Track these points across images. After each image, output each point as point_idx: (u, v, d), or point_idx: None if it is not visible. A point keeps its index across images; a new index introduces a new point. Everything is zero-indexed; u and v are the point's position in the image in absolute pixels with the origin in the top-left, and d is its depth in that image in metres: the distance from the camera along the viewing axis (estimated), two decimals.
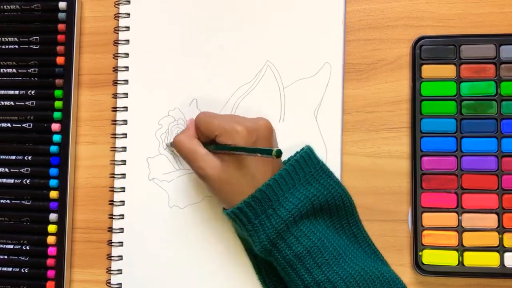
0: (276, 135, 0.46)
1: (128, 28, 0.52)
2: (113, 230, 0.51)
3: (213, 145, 0.45)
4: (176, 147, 0.47)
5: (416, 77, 0.49)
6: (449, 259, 0.47)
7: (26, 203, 0.52)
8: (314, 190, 0.44)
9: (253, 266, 0.49)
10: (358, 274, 0.42)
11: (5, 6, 0.53)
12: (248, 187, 0.43)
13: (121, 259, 0.51)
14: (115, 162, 0.52)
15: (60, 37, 0.53)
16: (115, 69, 0.52)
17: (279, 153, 0.38)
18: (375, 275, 0.42)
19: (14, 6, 0.53)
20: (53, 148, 0.52)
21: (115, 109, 0.52)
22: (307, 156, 0.46)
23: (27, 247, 0.52)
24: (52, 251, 0.51)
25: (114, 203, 0.51)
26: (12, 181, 0.52)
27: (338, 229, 0.46)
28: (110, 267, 0.51)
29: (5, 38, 0.53)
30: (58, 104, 0.52)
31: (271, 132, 0.44)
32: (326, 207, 0.45)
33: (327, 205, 0.45)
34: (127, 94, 0.52)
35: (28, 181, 0.52)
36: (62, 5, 0.53)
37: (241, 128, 0.43)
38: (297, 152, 0.47)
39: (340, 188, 0.46)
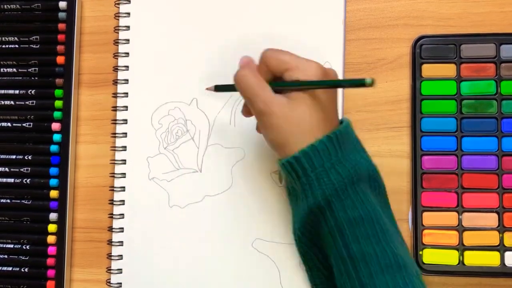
0: None
1: (128, 27, 0.53)
2: (113, 230, 0.51)
3: (276, 83, 0.41)
4: (239, 82, 0.42)
5: (416, 76, 0.49)
6: (450, 258, 0.47)
7: (26, 202, 0.52)
8: (361, 158, 0.41)
9: (294, 234, 0.45)
10: (400, 256, 0.39)
11: (5, 6, 0.53)
12: (314, 131, 0.39)
13: (121, 259, 0.51)
14: (115, 162, 0.52)
15: (60, 37, 0.53)
16: (115, 69, 0.52)
17: (372, 83, 0.34)
18: (410, 261, 0.40)
19: (14, 6, 0.53)
20: (53, 148, 0.52)
21: (115, 109, 0.52)
22: (350, 127, 0.42)
23: (27, 247, 0.52)
24: (52, 250, 0.51)
25: (114, 203, 0.51)
26: (12, 180, 0.52)
27: (380, 203, 0.42)
28: (110, 267, 0.51)
29: (5, 38, 0.53)
30: (58, 103, 0.52)
31: (337, 77, 0.42)
32: (367, 179, 0.42)
33: (368, 177, 0.42)
34: (127, 93, 0.52)
35: (28, 180, 0.52)
36: (62, 4, 0.53)
37: (315, 64, 0.40)
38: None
39: (374, 167, 0.43)
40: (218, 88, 0.46)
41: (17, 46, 0.53)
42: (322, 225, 0.41)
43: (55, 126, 0.52)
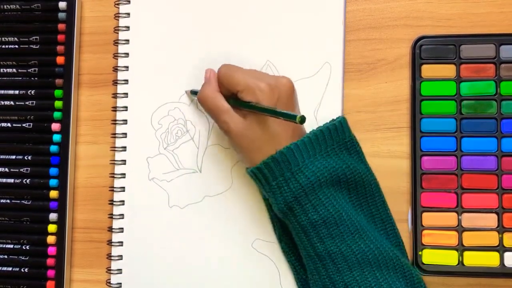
0: (297, 95, 0.46)
1: (128, 28, 0.53)
2: (113, 230, 0.51)
3: (233, 99, 0.45)
4: (200, 102, 0.47)
5: (416, 77, 0.49)
6: (449, 258, 0.47)
7: (26, 202, 0.52)
8: (333, 163, 0.44)
9: (272, 223, 0.49)
10: (371, 252, 0.42)
11: (5, 6, 0.53)
12: (269, 146, 0.43)
13: (121, 259, 0.51)
14: (115, 162, 0.52)
15: (60, 37, 0.53)
16: (115, 69, 0.52)
17: (303, 119, 0.38)
18: (389, 256, 0.42)
19: (14, 6, 0.53)
20: (53, 148, 0.52)
21: (115, 109, 0.52)
22: (333, 129, 0.45)
23: (27, 247, 0.52)
24: (52, 250, 0.51)
25: (114, 203, 0.51)
26: (12, 180, 0.52)
27: (356, 206, 0.45)
28: (110, 267, 0.51)
29: (5, 38, 0.53)
30: (58, 103, 0.52)
31: (292, 91, 0.44)
32: (345, 182, 0.44)
33: (345, 179, 0.44)
34: (127, 94, 0.52)
35: (28, 180, 0.52)
36: (62, 5, 0.53)
37: (263, 85, 0.42)
38: (331, 120, 0.47)
39: (361, 167, 0.46)
40: (193, 93, 0.50)
41: (17, 46, 0.53)
42: (290, 228, 0.44)
43: (55, 126, 0.52)
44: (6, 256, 0.52)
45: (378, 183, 0.47)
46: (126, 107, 0.52)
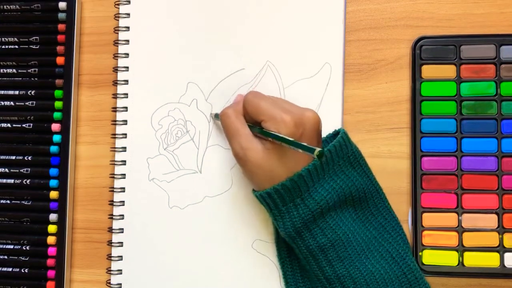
0: (321, 128, 0.45)
1: (128, 28, 0.52)
2: (113, 231, 0.51)
3: (257, 127, 0.44)
4: (222, 120, 0.46)
5: (416, 77, 0.49)
6: (449, 259, 0.47)
7: (26, 203, 0.52)
8: (340, 182, 0.44)
9: (276, 245, 0.49)
10: (378, 273, 0.42)
11: (5, 6, 0.53)
12: (283, 176, 0.42)
13: (121, 260, 0.51)
14: (115, 162, 0.52)
15: (60, 37, 0.53)
16: (115, 69, 0.52)
17: (321, 154, 0.38)
18: (395, 274, 0.42)
19: (14, 6, 0.53)
20: (53, 148, 0.52)
21: (115, 109, 0.52)
22: (338, 145, 0.45)
23: (27, 247, 0.52)
24: (52, 251, 0.51)
25: (114, 204, 0.51)
26: (12, 181, 0.52)
27: (364, 221, 0.45)
28: (110, 268, 0.51)
29: (5, 38, 0.53)
30: (58, 104, 0.52)
31: (318, 125, 0.43)
32: (350, 199, 0.45)
33: (351, 197, 0.45)
34: (127, 94, 0.52)
35: (28, 181, 0.52)
36: (62, 5, 0.53)
37: (288, 119, 0.41)
38: (330, 135, 0.47)
39: (364, 181, 0.46)
40: (217, 116, 0.49)
41: (17, 46, 0.53)
42: (297, 252, 0.44)
43: (55, 127, 0.52)
44: (6, 257, 0.52)
45: (382, 192, 0.47)
46: (126, 107, 0.52)
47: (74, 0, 0.52)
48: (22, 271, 0.51)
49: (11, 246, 0.52)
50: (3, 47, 0.53)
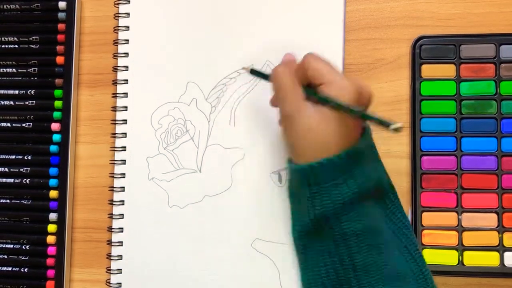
0: None
1: (127, 27, 0.53)
2: (113, 230, 0.51)
3: (311, 90, 0.41)
4: (275, 79, 0.43)
5: (416, 77, 0.49)
6: (449, 258, 0.47)
7: (26, 202, 0.52)
8: (371, 172, 0.42)
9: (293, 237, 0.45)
10: (400, 267, 0.41)
11: (5, 6, 0.53)
12: (332, 147, 0.39)
13: (121, 259, 0.51)
14: (115, 162, 0.52)
15: (60, 37, 0.53)
16: (115, 69, 0.52)
17: (398, 129, 0.35)
18: (412, 271, 0.41)
19: (14, 6, 0.53)
20: (53, 148, 0.52)
21: (114, 109, 0.52)
22: (368, 136, 0.43)
23: (27, 247, 0.52)
24: (51, 250, 0.51)
25: (114, 203, 0.51)
26: (12, 180, 0.52)
27: (384, 216, 0.44)
28: (110, 267, 0.51)
29: (5, 38, 0.53)
30: (58, 103, 0.52)
31: (372, 100, 0.42)
32: (373, 192, 0.42)
33: (374, 189, 0.42)
34: (126, 93, 0.52)
35: (28, 180, 0.52)
36: (62, 4, 0.53)
37: (350, 86, 0.39)
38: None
39: (384, 174, 0.44)
40: (253, 72, 0.46)
41: (16, 46, 0.53)
42: (325, 233, 0.41)
43: (55, 126, 0.52)
44: (6, 256, 0.52)
45: (395, 189, 0.45)
46: (126, 107, 0.52)
47: (74, 0, 0.52)
48: (22, 270, 0.51)
49: (11, 246, 0.52)
50: (3, 46, 0.53)
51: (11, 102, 0.53)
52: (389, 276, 0.40)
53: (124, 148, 0.52)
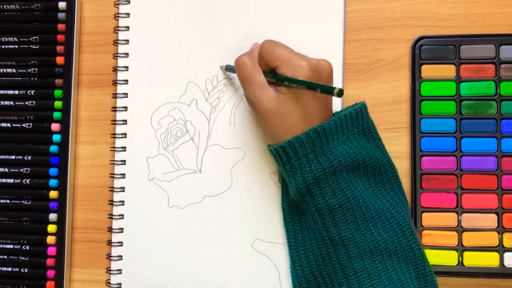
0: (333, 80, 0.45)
1: (128, 28, 0.53)
2: (113, 230, 0.51)
3: (270, 74, 0.44)
4: (237, 67, 0.46)
5: (416, 77, 0.49)
6: (449, 259, 0.47)
7: (26, 203, 0.52)
8: (354, 148, 0.44)
9: (282, 209, 0.49)
10: (383, 242, 0.42)
11: (5, 6, 0.53)
12: (298, 125, 0.42)
13: (121, 259, 0.51)
14: (115, 162, 0.52)
15: (60, 37, 0.53)
16: (115, 69, 0.52)
17: (341, 92, 0.37)
18: (401, 247, 0.42)
19: (14, 6, 0.53)
20: (53, 148, 0.52)
21: (114, 109, 0.52)
22: (355, 114, 0.45)
23: (27, 247, 0.52)
24: (51, 251, 0.51)
25: (114, 203, 0.51)
26: (12, 181, 0.52)
27: (377, 192, 0.45)
28: (110, 267, 0.51)
29: (5, 38, 0.53)
30: (58, 104, 0.52)
31: (331, 74, 0.44)
32: (364, 167, 0.44)
33: (365, 165, 0.44)
34: (126, 94, 0.52)
35: (28, 181, 0.52)
36: (62, 5, 0.53)
37: (304, 63, 0.42)
38: (349, 107, 0.46)
39: (379, 153, 0.46)
40: (228, 69, 0.50)
41: (16, 46, 0.53)
42: (305, 208, 0.44)
43: (55, 126, 0.52)
44: (6, 256, 0.52)
45: (396, 170, 0.47)
46: (126, 107, 0.52)
47: (74, 0, 0.52)
48: (22, 270, 0.51)
49: (11, 246, 0.52)
50: (3, 47, 0.53)
51: (11, 103, 0.53)
52: (370, 250, 0.42)
53: (124, 149, 0.52)
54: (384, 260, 0.42)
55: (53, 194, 0.52)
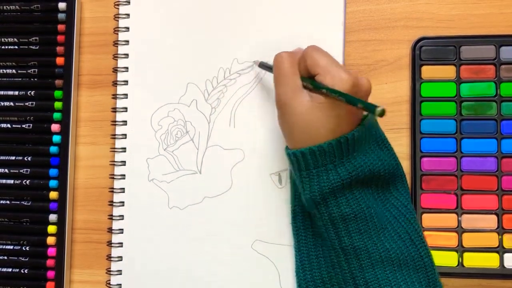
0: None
1: (127, 28, 0.52)
2: (113, 231, 0.51)
3: (309, 80, 0.42)
4: (275, 62, 0.44)
5: (416, 78, 0.49)
6: (449, 260, 0.47)
7: (26, 203, 0.52)
8: (372, 159, 0.43)
9: (292, 213, 0.48)
10: (394, 251, 0.42)
11: (4, 7, 0.53)
12: (324, 134, 0.41)
13: (121, 260, 0.51)
14: (115, 163, 0.52)
15: (60, 38, 0.53)
16: (115, 70, 0.52)
17: (382, 112, 0.36)
18: (411, 256, 0.42)
19: (13, 7, 0.53)
20: (53, 149, 0.52)
21: (114, 110, 0.52)
22: (370, 126, 0.44)
23: (27, 248, 0.52)
24: (52, 251, 0.51)
25: (114, 204, 0.51)
26: (12, 181, 0.52)
27: (385, 201, 0.45)
28: (110, 268, 0.51)
29: (5, 39, 0.53)
30: (57, 104, 0.52)
31: (369, 94, 0.43)
32: (377, 178, 0.44)
33: (378, 176, 0.44)
34: (126, 94, 0.52)
35: (28, 181, 0.52)
36: (62, 5, 0.53)
37: (346, 76, 0.41)
38: (364, 117, 0.45)
39: (392, 161, 0.45)
40: (261, 65, 0.49)
41: (16, 47, 0.53)
42: (317, 216, 0.43)
43: (55, 127, 0.52)
44: (6, 257, 0.52)
45: (405, 177, 0.46)
46: (126, 108, 0.52)
47: (74, 1, 0.52)
48: (22, 271, 0.51)
49: (11, 247, 0.52)
50: (2, 47, 0.53)
51: (11, 103, 0.53)
52: (382, 260, 0.41)
53: (124, 149, 0.52)
54: (394, 270, 0.42)
55: (53, 195, 0.52)
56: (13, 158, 0.52)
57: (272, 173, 0.50)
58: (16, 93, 0.53)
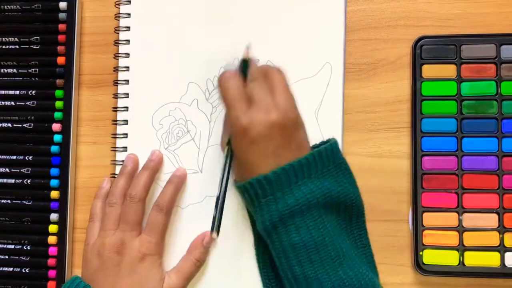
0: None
1: (128, 28, 0.53)
2: None
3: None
4: (220, 82, 0.45)
5: (416, 77, 0.49)
6: (450, 259, 0.47)
7: (27, 203, 0.52)
8: (328, 184, 0.43)
9: (254, 239, 0.49)
10: (349, 281, 0.41)
11: (5, 6, 0.53)
12: (267, 164, 0.42)
13: None
14: (116, 162, 0.52)
15: (61, 37, 0.53)
16: (116, 69, 0.52)
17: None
18: (366, 285, 0.41)
19: (14, 6, 0.53)
20: (54, 148, 0.52)
21: (115, 109, 0.52)
22: (330, 151, 0.44)
23: (28, 247, 0.52)
24: (53, 251, 0.51)
25: None
26: (13, 181, 0.52)
27: (343, 229, 0.45)
28: None
29: (6, 38, 0.53)
30: (58, 104, 0.52)
31: (262, 134, 0.43)
32: (337, 204, 0.44)
33: (338, 202, 0.44)
34: (127, 94, 0.52)
35: (29, 181, 0.52)
36: (63, 5, 0.53)
37: (237, 121, 0.42)
38: (322, 142, 0.46)
39: (353, 189, 0.45)
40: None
41: (17, 46, 0.53)
42: (270, 247, 0.44)
43: (56, 126, 0.52)
44: (7, 256, 0.52)
45: (363, 207, 0.46)
46: (127, 107, 0.52)
47: (75, 0, 0.53)
48: (23, 271, 0.51)
49: (12, 246, 0.52)
50: (3, 47, 0.53)
51: (12, 103, 0.53)
52: None
53: (125, 149, 0.52)
54: None
55: (54, 194, 0.52)
56: (14, 157, 0.53)
57: None
58: (17, 92, 0.53)
